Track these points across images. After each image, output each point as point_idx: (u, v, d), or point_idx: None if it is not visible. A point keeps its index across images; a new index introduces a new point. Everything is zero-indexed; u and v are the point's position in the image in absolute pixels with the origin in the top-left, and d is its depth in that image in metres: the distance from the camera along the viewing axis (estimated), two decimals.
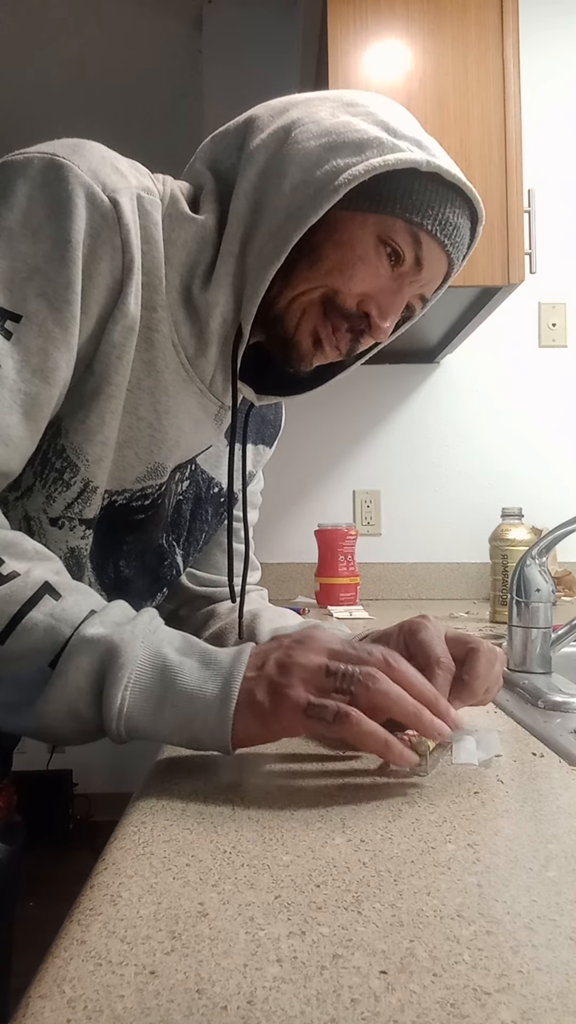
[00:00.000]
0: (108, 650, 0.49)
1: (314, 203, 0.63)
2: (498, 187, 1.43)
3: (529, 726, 0.66)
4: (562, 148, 2.01)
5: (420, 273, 0.68)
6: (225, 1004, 0.27)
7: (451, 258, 0.69)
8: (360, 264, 0.66)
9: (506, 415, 2.04)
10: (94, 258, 0.60)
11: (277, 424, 0.97)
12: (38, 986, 0.29)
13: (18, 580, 0.52)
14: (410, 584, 2.02)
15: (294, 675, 0.49)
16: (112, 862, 0.39)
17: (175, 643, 0.52)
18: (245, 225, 0.66)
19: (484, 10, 1.45)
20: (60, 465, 0.65)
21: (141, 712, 0.49)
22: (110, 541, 0.74)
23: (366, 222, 0.66)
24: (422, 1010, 0.27)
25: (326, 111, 0.68)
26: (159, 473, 0.73)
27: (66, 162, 0.59)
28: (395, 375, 2.06)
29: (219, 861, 0.39)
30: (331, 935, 0.32)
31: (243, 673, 0.50)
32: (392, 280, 0.68)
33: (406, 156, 0.63)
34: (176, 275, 0.66)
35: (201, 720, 0.49)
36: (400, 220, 0.65)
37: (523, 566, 0.89)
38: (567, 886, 0.36)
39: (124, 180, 0.62)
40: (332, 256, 0.66)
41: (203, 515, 0.86)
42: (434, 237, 0.67)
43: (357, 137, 0.64)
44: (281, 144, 0.66)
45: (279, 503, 2.01)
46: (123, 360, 0.63)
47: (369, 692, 0.48)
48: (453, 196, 0.67)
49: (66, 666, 0.49)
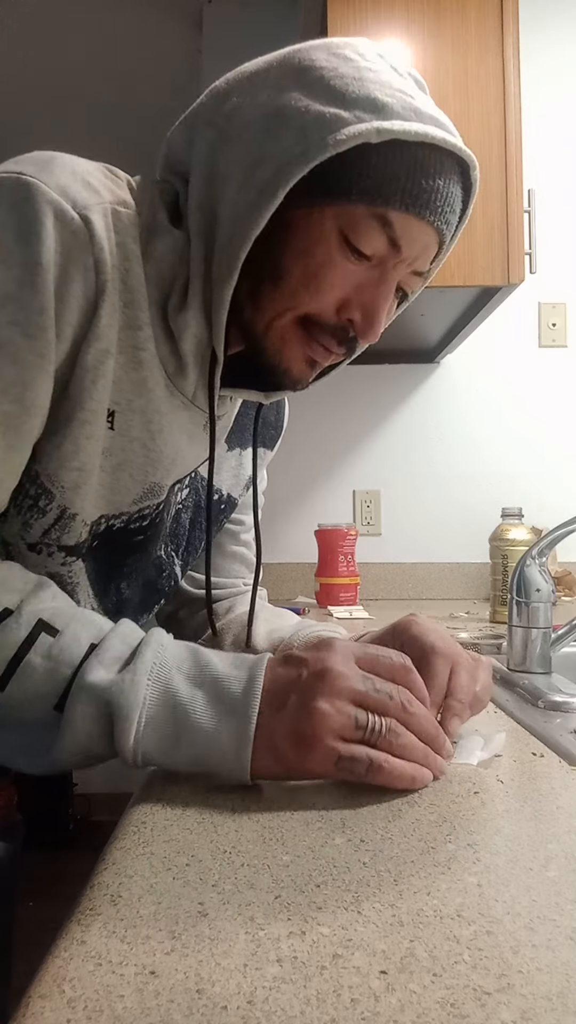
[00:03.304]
0: (109, 703, 0.49)
1: (254, 212, 0.58)
2: (498, 187, 1.43)
3: (529, 726, 0.66)
4: (562, 148, 2.01)
5: (400, 254, 0.61)
6: (225, 1004, 0.27)
7: (437, 227, 0.61)
8: (325, 272, 0.60)
9: (506, 415, 2.04)
10: (66, 280, 0.56)
11: (279, 426, 0.96)
12: (38, 986, 0.29)
13: (10, 620, 0.51)
14: (410, 584, 2.02)
15: (319, 725, 0.48)
16: (112, 862, 0.39)
17: (184, 668, 0.51)
18: (204, 240, 0.62)
19: (484, 10, 1.45)
20: (34, 492, 0.62)
21: (157, 750, 0.49)
22: (111, 565, 0.72)
23: (324, 217, 0.59)
24: (422, 1010, 0.27)
25: (269, 89, 0.61)
26: (156, 493, 0.70)
27: (33, 180, 0.56)
28: (395, 375, 2.06)
29: (219, 861, 0.39)
30: (331, 935, 0.32)
31: (257, 709, 0.49)
32: (368, 272, 0.61)
33: (351, 130, 0.56)
34: (156, 290, 0.62)
35: (218, 759, 0.49)
36: (360, 205, 0.58)
37: (523, 566, 0.89)
38: (567, 886, 0.36)
39: (96, 196, 0.59)
40: (294, 270, 0.61)
41: (201, 523, 0.85)
42: (406, 212, 0.59)
43: (298, 122, 0.57)
44: (225, 138, 0.61)
45: (279, 503, 2.01)
46: (97, 384, 0.60)
47: (392, 747, 0.49)
48: (424, 156, 0.58)
49: (73, 714, 0.49)
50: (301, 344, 0.64)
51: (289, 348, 0.64)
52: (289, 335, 0.64)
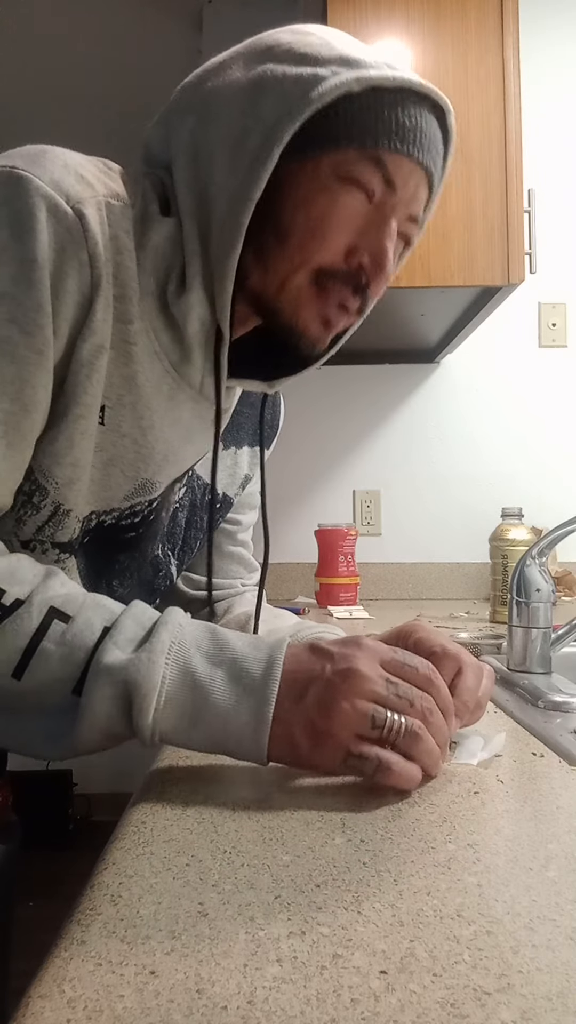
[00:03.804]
0: (126, 681, 0.49)
1: (251, 176, 0.59)
2: (498, 187, 1.43)
3: (529, 726, 0.66)
4: (562, 148, 2.01)
5: (396, 193, 0.62)
6: (225, 1004, 0.27)
7: (424, 165, 0.63)
8: (329, 216, 0.61)
9: (506, 415, 2.04)
10: (60, 275, 0.57)
11: (275, 424, 0.96)
12: (38, 986, 0.29)
13: (22, 610, 0.51)
14: (410, 584, 2.02)
15: (336, 720, 0.48)
16: (112, 862, 0.39)
17: (204, 646, 0.51)
18: (197, 220, 0.62)
19: (484, 10, 1.45)
20: (28, 488, 0.62)
21: (174, 730, 0.49)
22: (102, 562, 0.72)
23: (319, 166, 0.61)
24: (422, 1010, 0.27)
25: (239, 69, 0.62)
26: (148, 489, 0.70)
27: (25, 174, 0.56)
28: (395, 375, 2.06)
29: (219, 861, 0.39)
30: (331, 935, 0.32)
31: (275, 693, 0.49)
32: (370, 216, 0.63)
33: (332, 82, 0.58)
34: (151, 280, 0.62)
35: (235, 740, 0.49)
36: (351, 149, 0.60)
37: (523, 566, 0.89)
38: (567, 886, 0.36)
39: (90, 189, 0.59)
40: (298, 222, 0.62)
41: (198, 522, 0.85)
42: (395, 151, 0.61)
43: (277, 87, 0.59)
44: (204, 122, 0.63)
45: (279, 503, 2.01)
46: (92, 379, 0.60)
47: (410, 750, 0.49)
48: (403, 99, 0.61)
49: (90, 698, 0.49)
50: (316, 303, 0.64)
51: (305, 308, 0.64)
52: (304, 294, 0.64)
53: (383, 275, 0.63)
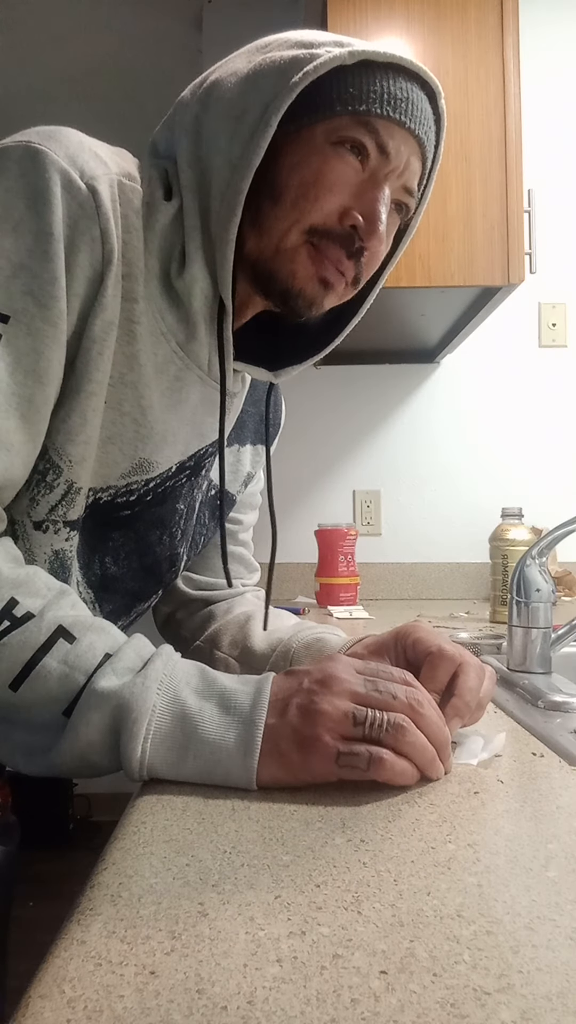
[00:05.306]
0: (119, 706, 0.49)
1: (252, 144, 0.61)
2: (498, 187, 1.43)
3: (529, 726, 0.66)
4: (562, 148, 2.01)
5: (390, 160, 0.64)
6: (225, 1004, 0.27)
7: (417, 135, 0.65)
8: (322, 176, 0.63)
9: (506, 415, 2.04)
10: (73, 250, 0.57)
11: (277, 422, 0.96)
12: (38, 986, 0.29)
13: (32, 624, 0.52)
14: (410, 584, 2.02)
15: (319, 724, 0.48)
16: (112, 862, 0.39)
17: (192, 683, 0.51)
18: (198, 195, 0.64)
19: (484, 10, 1.45)
20: (42, 467, 0.63)
21: (163, 762, 0.49)
22: (96, 538, 0.72)
23: (314, 133, 0.63)
24: (422, 1010, 0.27)
25: (242, 62, 0.65)
26: (145, 469, 0.70)
27: (42, 148, 0.56)
28: (395, 375, 2.06)
29: (219, 861, 0.39)
30: (331, 935, 0.32)
31: (264, 719, 0.49)
32: (363, 180, 0.64)
33: (326, 57, 0.61)
34: (156, 262, 0.63)
35: (224, 769, 0.49)
36: (344, 116, 0.62)
37: (523, 566, 0.89)
38: (567, 886, 0.36)
39: (103, 166, 0.60)
40: (292, 183, 0.63)
41: (201, 518, 0.86)
42: (387, 118, 0.63)
43: (275, 67, 0.62)
44: (206, 107, 0.65)
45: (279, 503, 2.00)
46: (103, 356, 0.61)
47: (398, 743, 0.49)
48: (393, 75, 0.63)
49: (78, 721, 0.49)
50: (312, 262, 0.65)
51: (301, 267, 0.65)
52: (299, 253, 0.65)
53: (375, 235, 0.64)
